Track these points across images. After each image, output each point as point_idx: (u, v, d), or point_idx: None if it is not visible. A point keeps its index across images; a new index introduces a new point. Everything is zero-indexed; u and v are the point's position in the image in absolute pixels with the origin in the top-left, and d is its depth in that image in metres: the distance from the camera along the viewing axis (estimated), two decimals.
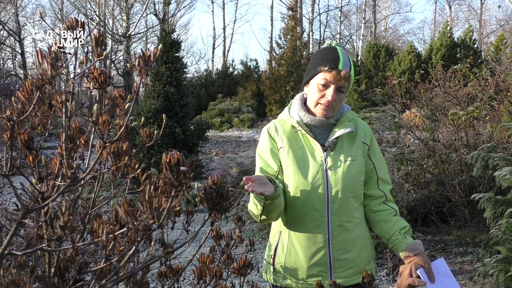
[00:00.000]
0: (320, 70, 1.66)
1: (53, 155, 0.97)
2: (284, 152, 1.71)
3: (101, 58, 0.83)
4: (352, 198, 1.70)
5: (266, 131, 1.77)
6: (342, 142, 1.73)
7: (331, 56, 1.66)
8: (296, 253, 1.71)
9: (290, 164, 1.69)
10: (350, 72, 1.66)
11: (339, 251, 1.69)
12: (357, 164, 1.70)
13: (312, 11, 28.96)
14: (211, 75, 26.14)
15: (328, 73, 1.64)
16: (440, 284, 1.56)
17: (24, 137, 0.88)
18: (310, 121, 1.72)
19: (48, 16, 28.74)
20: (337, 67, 1.63)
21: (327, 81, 1.65)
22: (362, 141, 1.75)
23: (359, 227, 1.73)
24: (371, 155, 1.77)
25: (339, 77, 1.63)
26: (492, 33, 30.79)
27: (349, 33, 36.45)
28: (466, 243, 4.47)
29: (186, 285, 2.28)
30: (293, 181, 1.68)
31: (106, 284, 0.88)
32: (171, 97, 8.74)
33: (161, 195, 0.74)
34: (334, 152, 1.70)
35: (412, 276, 1.55)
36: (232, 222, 1.78)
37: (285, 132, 1.74)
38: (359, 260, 1.72)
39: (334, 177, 1.67)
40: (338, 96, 1.67)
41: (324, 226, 1.67)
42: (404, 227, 1.70)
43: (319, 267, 1.69)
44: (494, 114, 5.18)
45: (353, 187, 1.69)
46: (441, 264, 1.61)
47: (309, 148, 1.72)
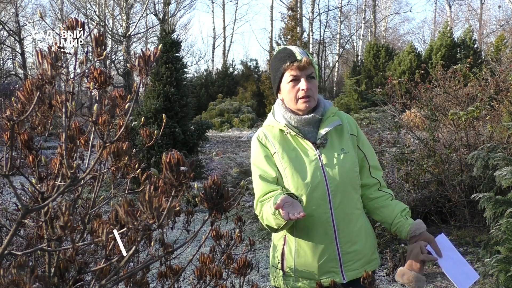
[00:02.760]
0: (284, 69, 1.72)
1: (53, 155, 0.97)
2: (278, 157, 1.72)
3: (101, 58, 0.83)
4: (352, 190, 1.73)
5: (256, 140, 1.79)
6: (332, 137, 1.76)
7: (286, 54, 1.73)
8: (305, 253, 1.71)
9: (287, 167, 1.70)
10: (309, 58, 1.71)
11: (347, 244, 1.70)
12: (350, 156, 1.74)
13: (312, 11, 28.97)
14: (211, 75, 26.14)
15: (291, 68, 1.70)
16: (447, 258, 1.64)
17: (24, 137, 0.88)
18: (297, 122, 1.74)
19: (48, 16, 28.75)
20: (296, 59, 1.69)
21: (295, 75, 1.70)
22: (349, 133, 1.79)
23: (361, 217, 1.76)
24: (360, 145, 1.81)
25: (303, 66, 1.69)
26: (492, 33, 30.78)
27: (349, 33, 36.45)
28: (466, 243, 4.47)
29: (186, 285, 2.28)
30: (292, 183, 1.69)
31: (106, 284, 0.88)
32: (171, 97, 8.74)
33: (161, 195, 0.74)
34: (326, 148, 1.73)
35: (423, 253, 1.61)
36: (232, 222, 1.78)
37: (275, 137, 1.76)
38: (366, 251, 1.75)
39: (332, 172, 1.70)
40: (311, 83, 1.72)
41: (329, 222, 1.68)
42: (404, 209, 1.74)
43: (330, 263, 1.70)
44: (494, 114, 5.17)
45: (350, 179, 1.72)
46: (443, 239, 1.69)
47: (301, 148, 1.74)
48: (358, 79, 22.19)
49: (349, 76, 23.10)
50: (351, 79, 21.83)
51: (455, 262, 1.64)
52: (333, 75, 32.17)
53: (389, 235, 4.40)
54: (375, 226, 4.40)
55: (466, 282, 1.62)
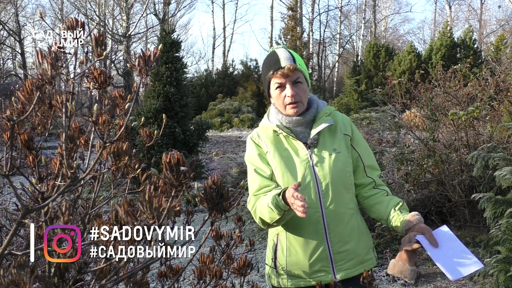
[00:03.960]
0: (269, 77, 1.74)
1: (53, 155, 0.97)
2: (270, 156, 1.75)
3: (101, 58, 0.83)
4: (343, 190, 1.73)
5: (250, 139, 1.83)
6: (324, 137, 1.77)
7: (271, 60, 1.74)
8: (296, 252, 1.72)
9: (277, 166, 1.73)
10: (294, 64, 1.71)
11: (338, 243, 1.70)
12: (342, 156, 1.74)
13: (312, 11, 28.98)
14: (211, 75, 26.14)
15: (275, 76, 1.71)
16: (444, 248, 1.57)
17: (24, 137, 0.88)
18: (289, 122, 1.76)
19: (48, 16, 28.72)
20: (279, 67, 1.69)
21: (279, 83, 1.72)
22: (343, 133, 1.79)
23: (354, 217, 1.76)
24: (354, 145, 1.80)
25: (286, 73, 1.69)
26: (492, 33, 30.77)
27: (349, 33, 36.43)
28: (466, 243, 4.47)
29: (186, 285, 2.28)
30: (282, 183, 1.71)
31: (106, 284, 0.88)
32: (171, 97, 8.74)
33: (161, 195, 0.74)
34: (317, 148, 1.74)
35: (411, 242, 1.56)
36: (232, 222, 1.78)
37: (268, 137, 1.79)
38: (358, 250, 1.74)
39: (322, 172, 1.70)
40: (298, 88, 1.72)
41: (320, 221, 1.69)
42: (398, 203, 1.72)
43: (320, 262, 1.70)
44: (494, 114, 5.17)
45: (342, 179, 1.72)
46: (443, 231, 1.62)
47: (293, 148, 1.76)
48: (358, 79, 22.20)
49: (349, 76, 23.11)
50: (351, 79, 21.84)
51: (455, 252, 1.57)
52: (333, 75, 32.17)
53: (389, 235, 4.40)
54: (375, 226, 4.41)
55: (461, 271, 1.54)
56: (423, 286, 3.73)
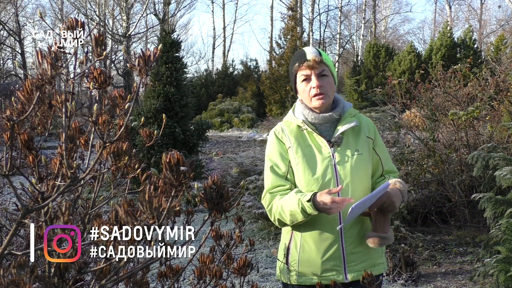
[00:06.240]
0: (296, 70, 1.78)
1: (53, 155, 0.97)
2: (292, 151, 1.76)
3: (101, 58, 0.83)
4: (361, 190, 1.74)
5: (273, 134, 1.83)
6: (348, 137, 1.78)
7: (298, 55, 1.79)
8: (309, 248, 1.73)
9: (300, 162, 1.74)
10: (320, 56, 1.75)
11: (352, 244, 1.71)
12: (364, 157, 1.76)
13: (312, 11, 28.95)
14: (211, 75, 26.12)
15: (301, 69, 1.75)
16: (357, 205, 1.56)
17: (24, 137, 0.88)
18: (314, 119, 1.77)
19: (48, 16, 28.72)
20: (305, 59, 1.73)
21: (305, 75, 1.75)
22: (366, 136, 1.81)
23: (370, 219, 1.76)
24: (376, 149, 1.83)
25: (312, 65, 1.73)
26: (492, 33, 30.76)
27: (349, 33, 36.41)
28: (466, 243, 4.47)
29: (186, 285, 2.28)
30: (303, 178, 1.72)
31: (106, 284, 0.88)
32: (171, 97, 8.73)
33: (161, 195, 0.74)
34: (340, 147, 1.75)
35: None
36: (232, 222, 1.78)
37: (292, 132, 1.80)
38: (372, 253, 1.75)
39: (343, 171, 1.72)
40: (323, 80, 1.75)
41: (337, 220, 1.70)
42: (391, 176, 1.79)
43: (333, 261, 1.71)
44: (494, 114, 5.17)
45: (361, 179, 1.74)
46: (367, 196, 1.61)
47: (316, 145, 1.76)
48: (358, 79, 22.17)
49: (349, 76, 23.09)
50: (351, 79, 21.82)
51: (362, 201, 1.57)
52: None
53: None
54: None
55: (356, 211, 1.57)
56: (423, 286, 3.73)
